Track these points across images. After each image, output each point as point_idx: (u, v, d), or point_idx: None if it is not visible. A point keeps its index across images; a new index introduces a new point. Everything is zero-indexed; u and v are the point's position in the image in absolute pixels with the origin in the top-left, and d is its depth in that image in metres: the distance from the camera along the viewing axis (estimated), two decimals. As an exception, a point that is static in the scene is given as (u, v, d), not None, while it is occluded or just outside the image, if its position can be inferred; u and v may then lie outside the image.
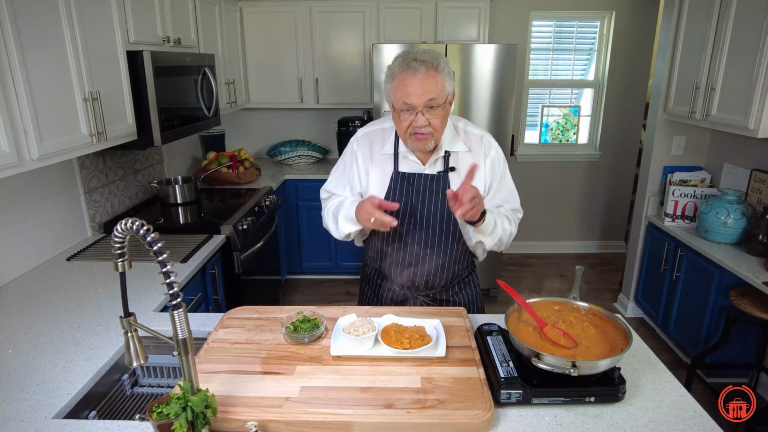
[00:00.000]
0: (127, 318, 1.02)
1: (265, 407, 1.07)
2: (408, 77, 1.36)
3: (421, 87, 1.34)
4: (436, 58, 1.37)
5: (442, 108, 1.39)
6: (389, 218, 1.36)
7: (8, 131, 1.50)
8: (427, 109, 1.37)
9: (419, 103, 1.36)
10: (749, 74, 2.30)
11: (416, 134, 1.41)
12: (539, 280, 4.11)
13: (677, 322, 2.94)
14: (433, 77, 1.35)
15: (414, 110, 1.37)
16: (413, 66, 1.35)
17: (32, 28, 1.59)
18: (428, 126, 1.39)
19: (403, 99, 1.37)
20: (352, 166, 1.60)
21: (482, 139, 1.55)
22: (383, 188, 1.55)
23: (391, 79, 1.40)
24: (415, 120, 1.38)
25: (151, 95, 2.25)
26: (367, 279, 1.76)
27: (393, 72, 1.40)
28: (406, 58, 1.38)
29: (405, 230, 1.55)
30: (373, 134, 1.59)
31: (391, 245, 1.59)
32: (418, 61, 1.35)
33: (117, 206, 2.65)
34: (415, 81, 1.35)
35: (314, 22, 3.70)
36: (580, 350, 1.18)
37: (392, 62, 1.42)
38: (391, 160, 1.55)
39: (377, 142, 1.57)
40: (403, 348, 1.24)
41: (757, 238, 2.47)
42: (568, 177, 4.44)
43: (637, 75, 4.16)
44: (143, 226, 0.93)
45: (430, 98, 1.35)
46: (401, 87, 1.37)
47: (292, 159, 4.03)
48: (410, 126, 1.40)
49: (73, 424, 1.11)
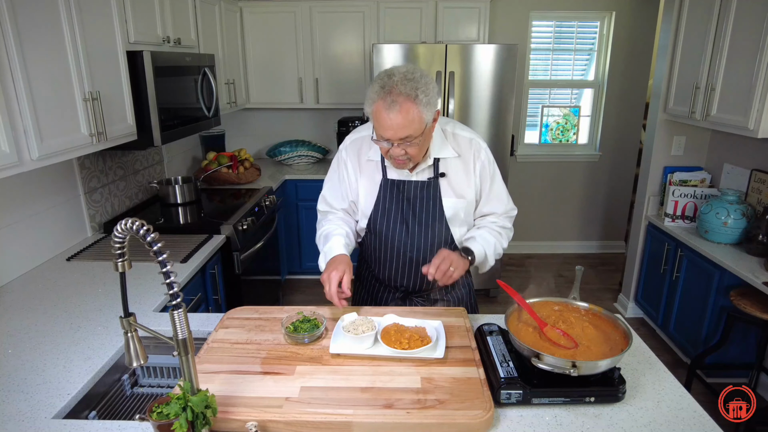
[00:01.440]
0: (127, 318, 1.01)
1: (265, 407, 1.07)
2: (383, 111, 1.31)
3: (396, 124, 1.30)
4: (415, 89, 1.29)
5: (420, 138, 1.35)
6: (336, 302, 1.38)
7: (8, 131, 1.50)
8: (403, 142, 1.34)
9: (394, 139, 1.33)
10: (749, 74, 2.30)
11: (395, 159, 1.41)
12: (539, 280, 4.11)
13: (677, 323, 2.94)
14: (409, 112, 1.29)
15: (390, 141, 1.35)
16: (388, 100, 1.29)
17: (32, 28, 1.59)
18: (405, 154, 1.38)
19: (380, 132, 1.35)
20: (342, 175, 1.60)
21: (471, 142, 1.54)
22: (373, 196, 1.55)
23: (370, 104, 1.35)
24: (391, 150, 1.37)
25: (151, 95, 2.25)
26: (361, 280, 1.76)
27: (371, 97, 1.34)
28: (384, 86, 1.31)
29: (396, 236, 1.55)
30: (360, 141, 1.58)
31: (384, 252, 1.59)
32: (395, 93, 1.29)
33: (117, 206, 2.65)
34: (389, 117, 1.30)
35: (314, 22, 3.70)
36: (580, 350, 1.18)
37: (373, 82, 1.36)
38: (378, 167, 1.54)
39: (364, 148, 1.56)
40: (402, 348, 1.24)
41: (757, 238, 2.47)
42: (568, 177, 4.44)
43: (637, 75, 4.16)
44: (143, 226, 0.92)
45: (405, 136, 1.32)
46: (377, 119, 1.34)
47: (292, 159, 4.03)
48: (388, 152, 1.40)
49: (73, 424, 1.11)
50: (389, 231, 1.55)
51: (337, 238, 1.52)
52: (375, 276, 1.68)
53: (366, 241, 1.63)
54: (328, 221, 1.61)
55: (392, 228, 1.54)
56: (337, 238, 1.53)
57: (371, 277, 1.70)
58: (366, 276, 1.73)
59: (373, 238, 1.59)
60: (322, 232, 1.58)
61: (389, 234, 1.55)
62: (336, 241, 1.51)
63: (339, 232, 1.55)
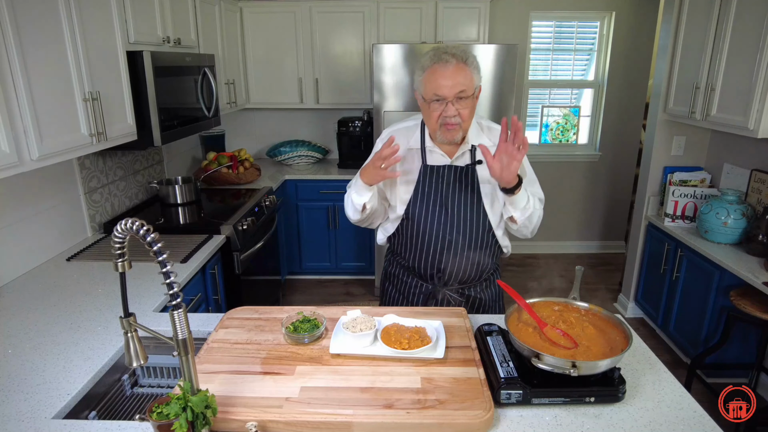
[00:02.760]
0: (127, 318, 1.01)
1: (265, 407, 1.07)
2: (439, 69, 1.42)
3: (452, 78, 1.41)
4: (465, 53, 1.45)
5: (471, 99, 1.46)
6: (392, 159, 1.41)
7: (8, 131, 1.50)
8: (457, 100, 1.43)
9: (450, 94, 1.42)
10: (749, 74, 2.30)
11: (446, 125, 1.47)
12: (539, 280, 4.11)
13: (677, 323, 2.94)
14: (462, 69, 1.42)
15: (444, 100, 1.43)
16: (444, 58, 1.42)
17: (32, 28, 1.59)
18: (457, 116, 1.46)
19: (434, 90, 1.44)
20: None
21: None
22: (411, 182, 1.59)
23: (422, 72, 1.47)
24: (445, 110, 1.45)
25: (151, 95, 2.25)
26: (390, 278, 1.77)
27: (424, 65, 1.47)
28: (437, 52, 1.45)
29: (435, 221, 1.58)
30: (398, 132, 1.63)
31: (421, 237, 1.61)
32: (449, 54, 1.43)
33: (117, 206, 2.65)
34: (446, 72, 1.42)
35: (314, 22, 3.70)
36: (580, 350, 1.18)
37: (422, 57, 1.49)
38: (418, 155, 1.59)
39: (402, 139, 1.60)
40: (402, 348, 1.24)
41: (757, 238, 2.47)
42: (568, 177, 4.44)
43: (637, 75, 4.16)
44: (143, 226, 0.92)
45: (461, 90, 1.42)
46: (432, 79, 1.44)
47: (292, 159, 4.03)
48: (440, 116, 1.46)
49: (73, 424, 1.11)
50: (428, 215, 1.58)
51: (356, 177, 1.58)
52: (409, 267, 1.69)
53: (402, 228, 1.65)
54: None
55: (431, 212, 1.58)
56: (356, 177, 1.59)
57: (401, 272, 1.72)
58: (395, 273, 1.74)
59: (409, 224, 1.62)
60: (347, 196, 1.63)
61: (428, 218, 1.58)
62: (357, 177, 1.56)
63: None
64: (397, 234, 1.68)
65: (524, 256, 4.55)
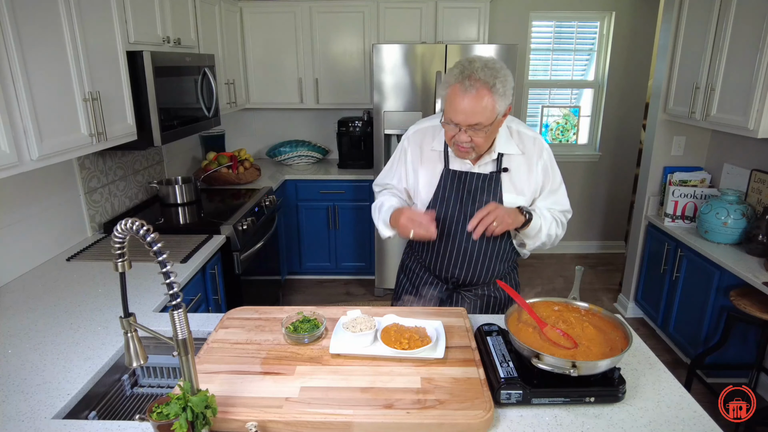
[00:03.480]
0: (127, 318, 1.01)
1: (264, 407, 1.07)
2: (458, 94, 1.33)
3: (469, 109, 1.33)
4: (494, 77, 1.32)
5: (489, 128, 1.37)
6: (431, 231, 1.39)
7: (8, 131, 1.50)
8: (471, 128, 1.37)
9: (464, 124, 1.36)
10: (749, 74, 2.30)
11: (458, 146, 1.43)
12: (539, 280, 4.11)
13: (677, 323, 2.94)
14: (483, 99, 1.32)
15: (459, 126, 1.37)
16: (466, 84, 1.32)
17: (32, 28, 1.59)
18: (470, 142, 1.40)
19: (449, 115, 1.38)
20: (401, 163, 1.64)
21: (535, 140, 1.56)
22: (433, 185, 1.57)
23: (446, 87, 1.38)
24: (457, 135, 1.39)
25: (151, 95, 2.25)
26: (406, 271, 1.77)
27: (448, 81, 1.37)
28: (464, 71, 1.33)
29: (454, 227, 1.56)
30: (423, 131, 1.60)
31: (439, 241, 1.60)
32: (473, 79, 1.31)
33: (117, 206, 2.65)
34: (464, 101, 1.33)
35: (314, 22, 3.70)
36: (579, 350, 1.18)
37: (453, 66, 1.38)
38: (441, 158, 1.56)
39: (427, 138, 1.58)
40: (402, 348, 1.24)
41: (757, 239, 2.47)
42: (568, 177, 4.39)
43: (637, 75, 4.16)
44: (143, 226, 0.92)
45: (475, 123, 1.35)
46: (450, 102, 1.36)
47: (292, 159, 4.03)
48: (453, 137, 1.42)
49: (73, 424, 1.11)
50: (447, 220, 1.56)
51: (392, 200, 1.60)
52: (426, 267, 1.69)
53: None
54: (381, 195, 1.68)
55: (450, 217, 1.56)
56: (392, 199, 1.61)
57: (419, 268, 1.71)
58: (412, 267, 1.74)
59: None
60: (376, 205, 1.64)
61: (447, 223, 1.56)
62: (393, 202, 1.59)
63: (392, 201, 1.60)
64: None
65: (524, 256, 4.55)
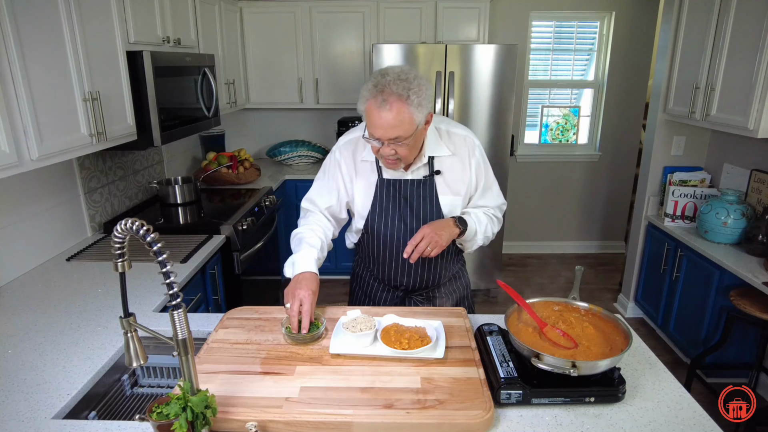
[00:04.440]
0: (127, 318, 1.01)
1: (264, 407, 1.07)
2: (374, 110, 1.31)
3: (387, 124, 1.30)
4: (408, 89, 1.29)
5: (410, 139, 1.34)
6: (294, 324, 1.32)
7: (8, 131, 1.50)
8: (393, 142, 1.34)
9: (384, 139, 1.33)
10: (749, 74, 2.30)
11: (384, 159, 1.41)
12: (539, 280, 4.11)
13: (677, 323, 2.94)
14: (401, 112, 1.29)
15: (380, 140, 1.35)
16: (380, 99, 1.29)
17: (32, 28, 1.59)
18: (395, 154, 1.38)
19: (371, 131, 1.35)
20: (336, 176, 1.58)
21: (465, 139, 1.55)
22: (369, 196, 1.54)
23: (363, 102, 1.35)
24: (381, 149, 1.37)
25: (150, 95, 2.25)
26: (357, 279, 1.76)
27: (364, 96, 1.34)
28: (377, 85, 1.31)
29: (396, 236, 1.55)
30: (354, 141, 1.56)
31: (383, 251, 1.59)
32: (387, 92, 1.28)
33: (117, 206, 2.65)
34: (380, 116, 1.30)
35: (314, 22, 3.70)
36: (579, 350, 1.18)
37: (367, 81, 1.35)
38: (373, 167, 1.54)
39: (359, 149, 1.55)
40: (402, 348, 1.24)
41: (757, 239, 2.47)
42: (568, 177, 4.44)
43: (637, 75, 4.16)
44: (143, 226, 0.92)
45: (395, 136, 1.32)
46: (368, 117, 1.33)
47: (292, 159, 4.03)
48: (378, 151, 1.40)
49: (72, 424, 1.11)
50: (387, 230, 1.55)
51: (310, 251, 1.47)
52: (374, 276, 1.68)
53: (364, 241, 1.63)
54: (307, 222, 1.60)
55: (390, 227, 1.54)
56: (310, 250, 1.47)
57: (369, 276, 1.70)
58: (363, 275, 1.73)
59: (371, 239, 1.59)
60: (297, 233, 1.56)
61: (387, 233, 1.55)
62: (308, 254, 1.46)
63: (313, 242, 1.50)
64: (361, 245, 1.66)
65: (524, 256, 4.55)
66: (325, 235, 1.57)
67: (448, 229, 1.45)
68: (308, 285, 1.38)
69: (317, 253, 1.48)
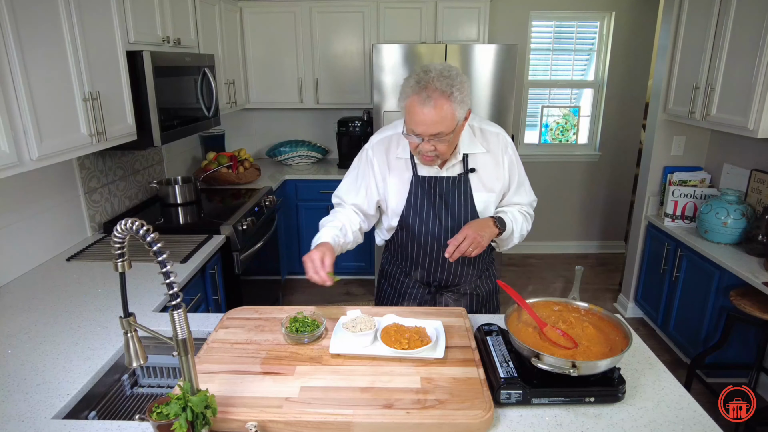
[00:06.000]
0: (127, 318, 1.01)
1: (264, 407, 1.07)
2: (417, 106, 1.32)
3: (429, 120, 1.31)
4: (451, 86, 1.31)
5: (450, 135, 1.36)
6: (322, 277, 1.39)
7: (8, 131, 1.50)
8: (434, 138, 1.36)
9: (425, 135, 1.35)
10: (749, 74, 2.30)
11: (422, 155, 1.43)
12: (539, 280, 4.11)
13: (677, 323, 2.94)
14: (443, 109, 1.30)
15: (421, 136, 1.36)
16: (423, 95, 1.30)
17: (32, 28, 1.59)
18: (434, 151, 1.39)
19: (411, 126, 1.37)
20: (367, 174, 1.59)
21: (498, 137, 1.57)
22: (404, 193, 1.55)
23: (404, 99, 1.36)
24: (420, 145, 1.38)
25: (150, 95, 2.25)
26: (387, 276, 1.76)
27: (405, 92, 1.35)
28: (420, 81, 1.32)
29: (429, 232, 1.56)
30: (387, 140, 1.58)
31: (417, 248, 1.60)
32: (431, 89, 1.30)
33: (117, 206, 2.65)
34: (423, 112, 1.31)
35: (314, 22, 3.70)
36: (579, 350, 1.18)
37: (408, 77, 1.36)
38: (408, 165, 1.55)
39: (392, 146, 1.57)
40: (402, 348, 1.24)
41: (757, 238, 2.47)
42: (568, 177, 4.44)
43: (637, 75, 4.16)
44: (143, 226, 0.92)
45: (437, 132, 1.34)
46: (410, 113, 1.35)
47: (292, 159, 4.03)
48: (417, 147, 1.41)
49: (72, 424, 1.11)
50: (422, 227, 1.56)
51: (328, 230, 1.54)
52: (405, 272, 1.69)
53: (397, 238, 1.64)
54: (333, 213, 1.64)
55: (425, 224, 1.55)
56: (329, 229, 1.54)
57: (399, 273, 1.71)
58: (393, 272, 1.73)
59: (405, 235, 1.60)
60: (322, 223, 1.61)
61: (422, 230, 1.56)
62: (326, 232, 1.53)
63: (334, 224, 1.56)
64: (393, 241, 1.67)
65: (524, 256, 4.55)
66: (349, 221, 1.60)
67: (488, 229, 1.46)
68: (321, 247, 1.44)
69: (336, 231, 1.54)
